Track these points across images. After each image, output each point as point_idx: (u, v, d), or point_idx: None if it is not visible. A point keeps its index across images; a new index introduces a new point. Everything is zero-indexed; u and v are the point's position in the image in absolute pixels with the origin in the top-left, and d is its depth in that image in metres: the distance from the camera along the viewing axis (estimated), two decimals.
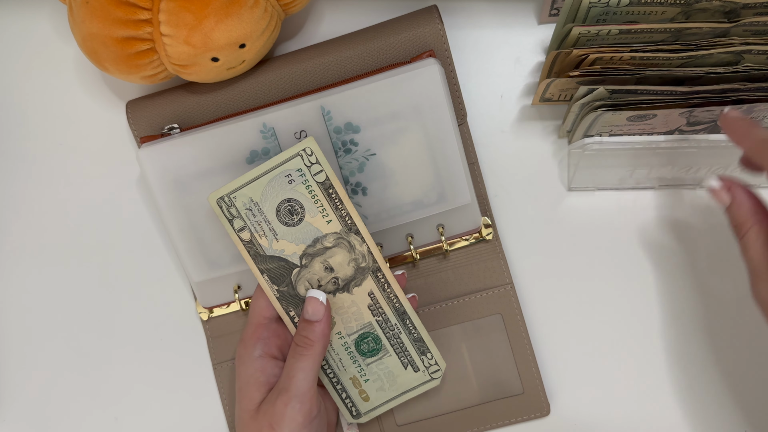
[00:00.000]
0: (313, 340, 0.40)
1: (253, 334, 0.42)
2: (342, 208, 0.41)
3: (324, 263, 0.42)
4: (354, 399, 0.44)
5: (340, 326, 0.43)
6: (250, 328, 0.43)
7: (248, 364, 0.42)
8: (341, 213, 0.41)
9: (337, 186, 0.41)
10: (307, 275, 0.42)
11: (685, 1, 0.40)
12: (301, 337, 0.41)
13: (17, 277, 0.50)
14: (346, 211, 0.41)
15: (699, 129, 0.43)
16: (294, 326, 0.43)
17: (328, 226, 0.41)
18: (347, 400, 0.44)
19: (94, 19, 0.40)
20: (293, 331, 0.43)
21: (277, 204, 0.41)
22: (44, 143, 0.50)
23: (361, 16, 0.47)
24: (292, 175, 0.41)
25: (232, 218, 0.41)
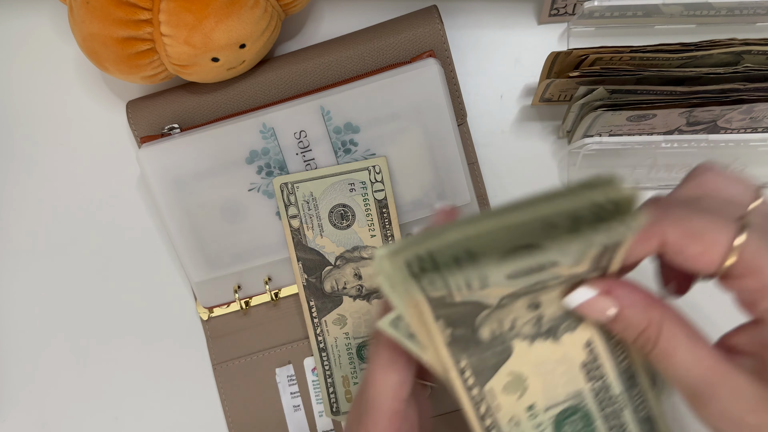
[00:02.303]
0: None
1: (389, 427, 0.29)
2: (389, 228, 0.43)
3: (356, 270, 0.44)
4: None
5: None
6: (381, 418, 0.29)
7: (390, 400, 0.29)
8: (386, 233, 0.43)
9: (391, 208, 0.44)
10: (336, 275, 0.44)
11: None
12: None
13: (17, 277, 0.50)
14: (391, 232, 0.43)
15: (699, 129, 0.43)
16: (311, 316, 0.44)
17: (371, 240, 0.44)
18: None
19: (94, 19, 0.40)
20: (309, 320, 0.44)
21: (333, 206, 0.44)
22: (44, 143, 0.50)
23: (360, 16, 0.47)
24: (355, 184, 0.43)
25: (289, 204, 0.44)
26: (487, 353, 0.27)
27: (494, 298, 0.26)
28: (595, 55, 0.41)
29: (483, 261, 0.24)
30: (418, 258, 0.25)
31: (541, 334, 0.27)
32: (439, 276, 0.24)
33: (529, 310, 0.27)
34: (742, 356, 0.25)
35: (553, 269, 0.25)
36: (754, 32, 0.46)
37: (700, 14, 0.44)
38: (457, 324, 0.27)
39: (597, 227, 0.24)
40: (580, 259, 0.25)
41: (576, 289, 0.26)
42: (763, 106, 0.41)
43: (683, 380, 0.25)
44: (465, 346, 0.27)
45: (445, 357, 0.27)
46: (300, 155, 0.44)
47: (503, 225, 0.24)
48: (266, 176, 0.45)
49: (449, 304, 0.26)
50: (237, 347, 0.48)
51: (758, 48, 0.40)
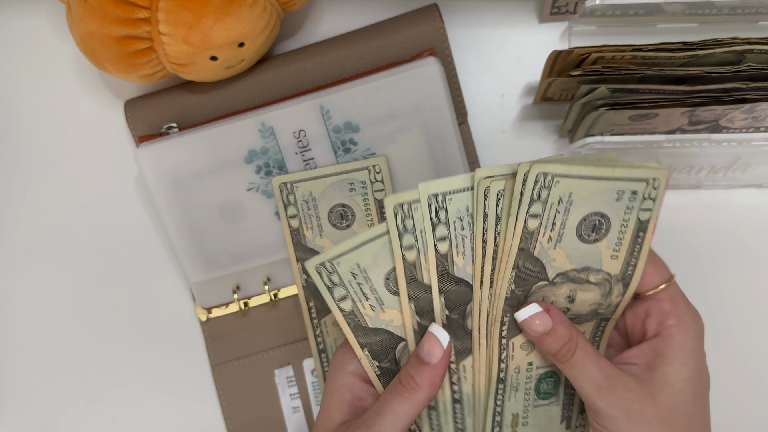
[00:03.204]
0: (420, 384, 0.34)
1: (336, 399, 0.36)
2: None
3: None
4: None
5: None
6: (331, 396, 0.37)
7: (339, 374, 0.36)
8: None
9: None
10: None
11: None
12: (407, 374, 0.35)
13: (14, 277, 0.50)
14: None
15: (701, 128, 0.43)
16: (310, 316, 0.40)
17: None
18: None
19: (92, 17, 0.39)
20: (308, 321, 0.40)
21: (332, 205, 0.42)
22: (42, 142, 0.50)
23: (360, 14, 0.47)
24: (355, 184, 0.40)
25: (288, 204, 0.40)
26: None
27: (401, 328, 0.36)
28: (596, 54, 0.41)
29: None
30: (324, 264, 0.34)
31: None
32: (334, 271, 0.34)
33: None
34: (630, 366, 0.34)
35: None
36: (757, 31, 0.46)
37: (702, 13, 0.44)
38: (380, 357, 0.36)
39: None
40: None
41: (525, 306, 0.34)
42: (765, 106, 0.40)
43: (590, 380, 0.33)
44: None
45: (379, 387, 0.36)
46: (299, 155, 0.44)
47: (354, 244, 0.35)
48: (265, 176, 0.45)
49: (365, 329, 0.35)
50: (236, 348, 0.48)
51: (760, 47, 0.40)
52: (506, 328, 0.35)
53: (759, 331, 0.47)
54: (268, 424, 0.48)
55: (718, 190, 0.48)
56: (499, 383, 0.37)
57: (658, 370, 0.33)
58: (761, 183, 0.47)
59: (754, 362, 0.47)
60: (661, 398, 0.33)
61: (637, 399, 0.33)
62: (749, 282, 0.48)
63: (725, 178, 0.47)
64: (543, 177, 0.33)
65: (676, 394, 0.33)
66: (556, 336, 0.34)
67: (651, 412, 0.33)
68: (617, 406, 0.33)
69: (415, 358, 0.35)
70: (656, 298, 0.35)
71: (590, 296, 0.36)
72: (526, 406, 0.38)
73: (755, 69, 0.40)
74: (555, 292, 0.35)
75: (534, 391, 0.37)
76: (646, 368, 0.34)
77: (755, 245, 0.48)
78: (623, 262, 0.35)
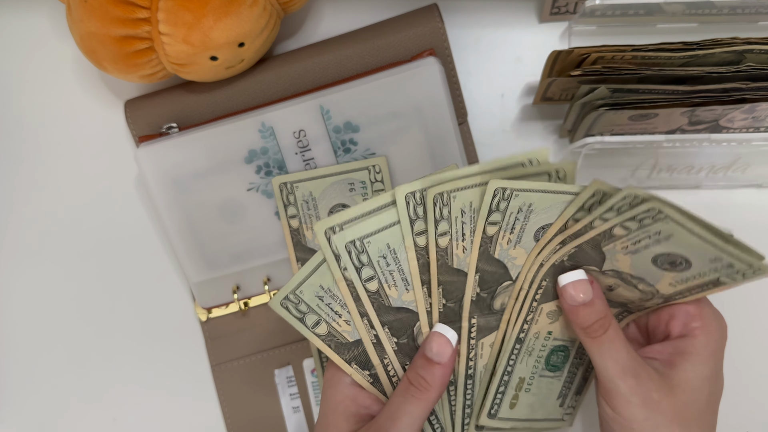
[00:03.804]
0: (431, 384, 0.35)
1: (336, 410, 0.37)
2: None
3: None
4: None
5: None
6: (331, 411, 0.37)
7: (338, 389, 0.37)
8: None
9: None
10: None
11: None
12: (417, 376, 0.35)
13: (14, 277, 0.50)
14: None
15: (701, 128, 0.43)
16: None
17: None
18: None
19: (92, 17, 0.39)
20: None
21: (332, 205, 0.42)
22: (42, 142, 0.50)
23: (361, 14, 0.47)
24: (355, 184, 0.40)
25: (288, 204, 0.41)
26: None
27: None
28: (596, 54, 0.41)
29: None
30: (353, 242, 0.34)
31: None
32: (364, 251, 0.35)
33: None
34: (651, 360, 0.35)
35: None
36: (757, 31, 0.46)
37: (702, 13, 0.44)
38: (399, 334, 0.36)
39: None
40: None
41: (570, 272, 0.35)
42: (765, 106, 0.40)
43: (616, 360, 0.34)
44: (410, 354, 0.37)
45: (396, 363, 0.37)
46: (299, 155, 0.44)
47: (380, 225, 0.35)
48: (265, 176, 0.45)
49: (388, 308, 0.36)
50: (236, 348, 0.48)
51: (760, 47, 0.40)
52: (542, 291, 0.37)
53: (759, 331, 0.47)
54: (268, 424, 0.48)
55: (718, 190, 0.48)
56: (517, 343, 0.38)
57: (678, 367, 0.34)
58: (761, 183, 0.47)
59: (754, 362, 0.47)
60: (678, 393, 0.34)
61: (657, 389, 0.33)
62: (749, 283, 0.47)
63: (725, 178, 0.47)
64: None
65: (694, 391, 0.34)
66: (593, 309, 0.34)
67: (667, 403, 0.33)
68: (637, 392, 0.33)
69: (423, 359, 0.35)
70: (681, 303, 0.36)
71: (629, 295, 0.37)
72: (533, 373, 0.39)
73: (755, 69, 0.40)
74: (600, 279, 0.36)
75: (544, 361, 0.39)
76: (666, 364, 0.35)
77: (755, 245, 0.48)
78: (676, 291, 0.35)
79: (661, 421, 0.33)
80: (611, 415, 0.34)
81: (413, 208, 0.35)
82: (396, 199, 0.34)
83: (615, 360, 0.34)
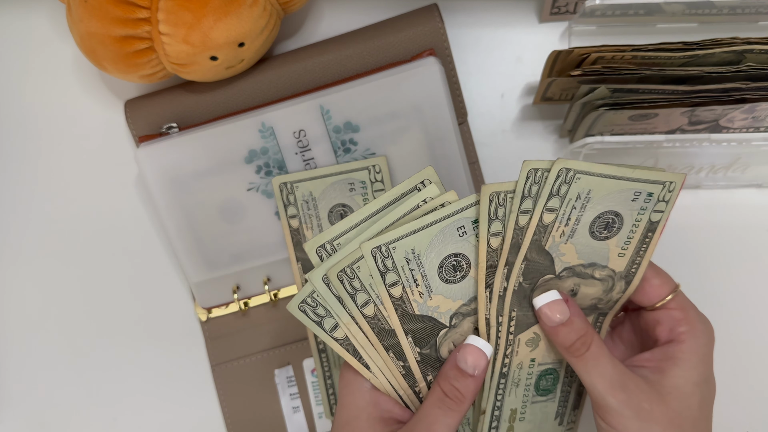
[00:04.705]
0: (465, 395, 0.34)
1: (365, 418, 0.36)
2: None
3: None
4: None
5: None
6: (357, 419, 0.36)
7: (358, 395, 0.36)
8: None
9: None
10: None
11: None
12: (452, 387, 0.35)
13: (14, 277, 0.50)
14: None
15: (700, 128, 0.43)
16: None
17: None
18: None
19: (92, 17, 0.39)
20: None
21: (332, 205, 0.42)
22: (42, 143, 0.50)
23: (361, 14, 0.47)
24: (355, 184, 0.40)
25: (288, 204, 0.41)
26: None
27: (446, 315, 0.35)
28: (596, 54, 0.41)
29: None
30: (380, 247, 0.33)
31: None
32: (389, 256, 0.34)
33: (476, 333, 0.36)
34: (640, 369, 0.35)
35: None
36: (756, 31, 0.46)
37: (702, 13, 0.44)
38: (423, 343, 0.35)
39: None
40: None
41: (543, 294, 0.35)
42: (765, 106, 0.40)
43: (603, 376, 0.34)
44: (432, 364, 0.36)
45: (418, 373, 0.36)
46: (299, 155, 0.44)
47: (415, 228, 0.34)
48: (265, 176, 0.45)
49: (411, 315, 0.35)
50: (236, 348, 0.48)
51: (760, 47, 0.40)
52: (514, 323, 0.36)
53: (759, 331, 0.47)
54: (268, 423, 0.48)
55: (718, 190, 0.48)
56: (501, 378, 0.37)
57: (668, 373, 0.34)
58: (761, 183, 0.47)
59: (754, 362, 0.47)
60: (670, 400, 0.33)
61: (647, 399, 0.33)
62: (749, 282, 0.48)
63: (725, 178, 0.47)
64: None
65: (685, 397, 0.34)
66: (572, 328, 0.34)
67: (659, 412, 0.33)
68: (628, 405, 0.33)
69: (456, 370, 0.35)
70: (666, 308, 0.36)
71: (592, 291, 0.36)
72: (524, 402, 0.38)
73: (755, 69, 0.40)
74: (560, 285, 0.36)
75: (534, 388, 0.38)
76: (655, 371, 0.34)
77: (755, 245, 0.48)
78: (629, 260, 0.35)
79: (655, 430, 0.33)
80: (606, 429, 0.34)
81: (494, 209, 0.34)
82: (481, 197, 0.34)
83: (602, 376, 0.34)
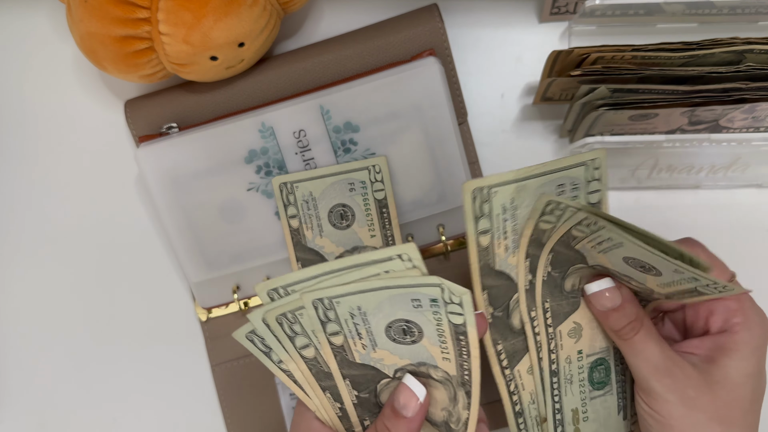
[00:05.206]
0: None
1: None
2: (389, 228, 0.42)
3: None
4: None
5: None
6: None
7: (304, 424, 0.36)
8: (386, 233, 0.43)
9: (391, 208, 0.43)
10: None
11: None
12: (384, 427, 0.34)
13: (14, 277, 0.50)
14: (391, 232, 0.42)
15: (701, 128, 0.43)
16: None
17: (371, 240, 0.41)
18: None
19: (92, 18, 0.39)
20: None
21: (332, 205, 0.42)
22: (42, 143, 0.50)
23: (361, 14, 0.47)
24: (355, 184, 0.40)
25: (288, 204, 0.41)
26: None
27: (391, 368, 0.34)
28: (596, 54, 0.41)
29: None
30: (322, 300, 0.32)
31: None
32: (332, 308, 0.32)
33: None
34: (689, 355, 0.34)
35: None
36: (756, 31, 0.46)
37: (702, 13, 0.44)
38: (361, 388, 0.35)
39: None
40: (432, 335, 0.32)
41: (596, 281, 0.35)
42: (765, 106, 0.40)
43: (649, 360, 0.33)
44: (371, 409, 0.35)
45: (353, 416, 0.35)
46: (299, 155, 0.44)
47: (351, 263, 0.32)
48: (265, 176, 0.45)
49: (351, 363, 0.34)
50: (236, 348, 0.48)
51: (760, 47, 0.40)
52: (550, 314, 0.36)
53: None
54: (268, 423, 0.48)
55: (718, 190, 0.48)
56: (553, 376, 0.36)
57: (719, 362, 0.33)
58: (761, 183, 0.47)
59: None
60: (718, 390, 0.33)
61: (694, 386, 0.33)
62: (749, 282, 0.47)
63: (725, 178, 0.47)
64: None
65: (736, 388, 0.33)
66: (624, 313, 0.34)
67: (705, 400, 0.33)
68: (673, 390, 0.33)
69: (390, 410, 0.34)
70: (721, 297, 0.35)
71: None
72: (583, 400, 0.37)
73: (755, 69, 0.40)
74: (595, 276, 0.36)
75: (588, 382, 0.37)
76: (705, 359, 0.34)
77: (755, 245, 0.48)
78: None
79: (700, 418, 0.33)
80: (649, 412, 0.34)
81: (479, 205, 0.33)
82: (463, 195, 0.33)
83: (648, 360, 0.34)
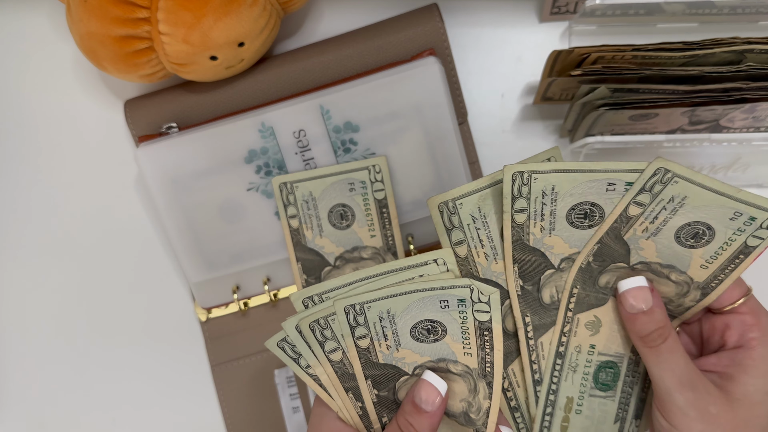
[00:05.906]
0: (419, 431, 0.34)
1: None
2: (389, 228, 0.43)
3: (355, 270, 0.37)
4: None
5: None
6: None
7: (325, 424, 0.36)
8: (386, 233, 0.43)
9: (391, 208, 0.43)
10: (336, 276, 0.38)
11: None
12: (406, 422, 0.34)
13: (15, 277, 0.50)
14: (391, 232, 0.42)
15: (701, 128, 0.43)
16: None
17: (371, 240, 0.41)
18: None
19: (92, 17, 0.39)
20: None
21: (332, 205, 0.42)
22: (41, 142, 0.50)
23: (360, 14, 0.47)
24: (355, 184, 0.40)
25: (288, 204, 0.41)
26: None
27: (411, 365, 0.35)
28: (596, 54, 0.41)
29: None
30: (354, 305, 0.34)
31: None
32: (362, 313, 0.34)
33: None
34: (707, 373, 0.34)
35: None
36: (757, 31, 0.46)
37: (703, 13, 0.44)
38: (381, 387, 0.35)
39: None
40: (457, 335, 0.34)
41: (630, 278, 0.34)
42: (765, 105, 0.40)
43: (674, 372, 0.33)
44: (389, 406, 0.36)
45: (372, 413, 0.36)
46: (299, 154, 0.44)
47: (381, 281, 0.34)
48: (265, 176, 0.44)
49: (374, 363, 0.35)
50: (236, 348, 0.48)
51: (761, 47, 0.40)
52: (574, 300, 0.35)
53: None
54: (268, 424, 0.48)
55: None
56: (558, 357, 0.36)
57: (737, 380, 0.33)
58: (761, 183, 0.47)
59: None
60: (738, 407, 0.33)
61: (715, 403, 0.32)
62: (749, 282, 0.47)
63: (725, 178, 0.47)
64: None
65: (755, 406, 0.33)
66: (652, 318, 0.34)
67: (726, 418, 0.32)
68: (694, 405, 0.32)
69: (411, 405, 0.34)
70: (737, 312, 0.35)
71: (665, 290, 0.35)
72: (582, 392, 0.37)
73: (755, 69, 0.40)
74: (631, 275, 0.35)
75: (592, 378, 0.37)
76: (724, 376, 0.34)
77: None
78: (710, 274, 0.34)
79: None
80: (666, 428, 0.33)
81: (518, 187, 0.34)
82: (504, 176, 0.34)
83: (673, 371, 0.33)
